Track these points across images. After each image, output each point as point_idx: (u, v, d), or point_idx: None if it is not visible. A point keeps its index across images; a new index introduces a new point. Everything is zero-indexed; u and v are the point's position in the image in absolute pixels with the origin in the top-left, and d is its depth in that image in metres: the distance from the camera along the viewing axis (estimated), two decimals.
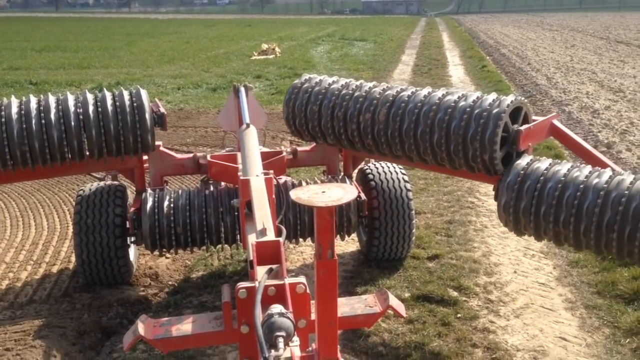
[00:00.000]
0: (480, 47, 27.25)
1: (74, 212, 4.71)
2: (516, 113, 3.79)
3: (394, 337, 4.06)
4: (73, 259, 5.18)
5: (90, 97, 4.36)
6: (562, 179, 3.37)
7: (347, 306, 2.89)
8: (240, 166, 4.29)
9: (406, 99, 4.04)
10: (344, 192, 1.96)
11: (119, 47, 27.22)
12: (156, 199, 4.54)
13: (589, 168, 3.45)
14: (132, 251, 5.03)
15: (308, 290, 2.34)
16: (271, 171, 3.61)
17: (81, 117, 4.26)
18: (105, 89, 4.58)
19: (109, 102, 4.35)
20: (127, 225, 4.67)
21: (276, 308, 2.11)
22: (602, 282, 4.82)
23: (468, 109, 3.72)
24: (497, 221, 6.23)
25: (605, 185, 3.23)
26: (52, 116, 4.19)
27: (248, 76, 16.94)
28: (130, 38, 32.75)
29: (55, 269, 5.22)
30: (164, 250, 4.60)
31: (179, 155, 5.20)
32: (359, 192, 4.10)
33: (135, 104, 4.39)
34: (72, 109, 4.25)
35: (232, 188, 4.73)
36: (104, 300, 4.61)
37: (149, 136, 4.45)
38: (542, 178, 3.43)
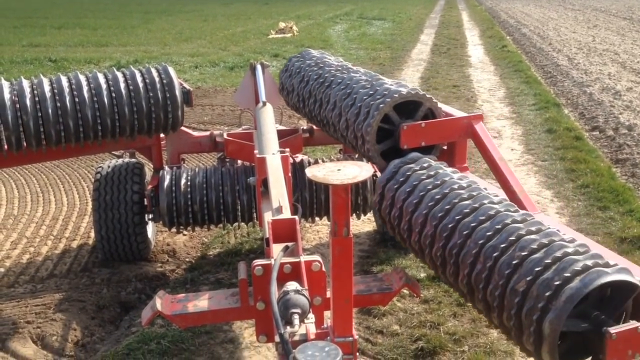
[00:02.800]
0: (500, 27, 26.87)
1: (93, 188, 4.76)
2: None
3: (409, 317, 4.08)
4: (92, 234, 5.26)
5: (119, 75, 4.31)
6: (428, 188, 2.88)
7: (363, 284, 2.90)
8: (256, 144, 4.31)
9: (340, 81, 4.01)
10: (359, 170, 1.96)
11: (136, 24, 27.22)
12: (173, 177, 4.58)
13: (465, 187, 2.82)
14: (150, 228, 5.09)
15: (324, 268, 2.36)
16: (287, 149, 3.61)
17: (113, 94, 4.21)
18: (131, 67, 4.56)
19: (139, 79, 4.32)
20: (145, 203, 4.73)
21: (292, 285, 2.13)
22: None
23: (365, 97, 3.62)
24: None
25: (468, 214, 2.61)
26: (85, 94, 4.13)
27: (265, 55, 16.88)
28: (148, 16, 32.72)
29: (74, 244, 5.31)
30: (181, 227, 4.65)
31: (196, 134, 5.22)
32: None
33: (164, 81, 4.38)
34: (103, 86, 4.19)
35: (249, 166, 4.76)
36: (123, 276, 4.68)
37: (180, 113, 4.45)
38: (402, 180, 3.03)
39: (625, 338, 2.07)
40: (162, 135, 4.91)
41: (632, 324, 2.11)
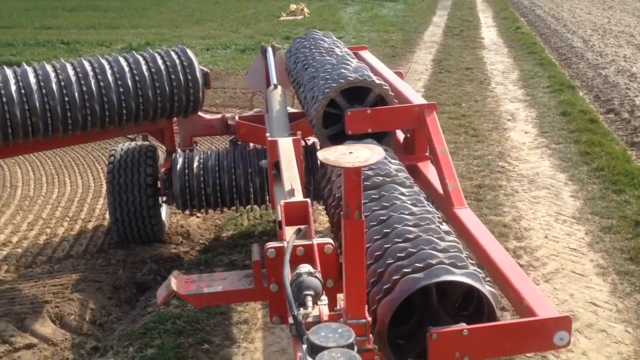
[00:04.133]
0: (514, 8, 26.53)
1: (107, 171, 4.82)
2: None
3: None
4: (107, 216, 5.33)
5: (140, 58, 4.30)
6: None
7: None
8: (268, 127, 4.33)
9: (304, 62, 4.12)
10: (371, 153, 1.98)
11: (147, 6, 27.16)
12: (186, 160, 4.61)
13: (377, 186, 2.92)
14: (164, 210, 5.14)
15: (336, 251, 2.40)
16: (299, 132, 3.64)
17: (137, 78, 4.20)
18: (149, 49, 4.57)
19: (160, 61, 4.31)
20: (159, 185, 4.78)
21: (305, 267, 2.16)
22: (636, 249, 4.79)
23: (321, 81, 3.66)
24: (528, 186, 6.20)
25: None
26: (109, 77, 4.12)
27: (276, 37, 16.83)
28: None
29: (90, 226, 5.39)
30: (195, 210, 4.70)
31: (208, 116, 5.25)
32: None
33: (185, 63, 4.38)
34: (126, 69, 4.19)
35: (261, 149, 4.78)
36: (138, 257, 4.75)
37: (200, 95, 4.46)
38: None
39: (448, 339, 2.11)
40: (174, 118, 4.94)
41: (458, 326, 2.16)
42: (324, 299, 2.13)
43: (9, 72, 3.97)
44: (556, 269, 4.58)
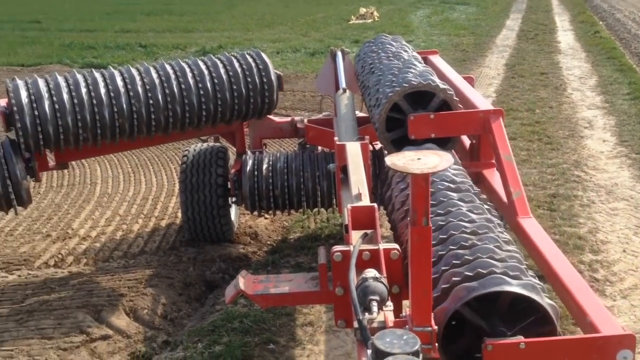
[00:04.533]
0: (592, 12, 25.57)
1: (180, 171, 4.98)
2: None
3: None
4: (179, 214, 5.51)
5: (218, 61, 4.42)
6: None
7: None
8: (336, 131, 4.37)
9: (372, 66, 4.14)
10: (439, 160, 1.97)
11: (221, 10, 27.82)
12: (255, 162, 4.71)
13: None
14: (234, 210, 5.27)
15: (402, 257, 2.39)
16: (367, 137, 3.64)
17: (215, 80, 4.32)
18: (225, 52, 4.68)
19: (236, 64, 4.42)
20: (229, 186, 4.90)
21: (370, 272, 2.17)
22: None
23: (385, 85, 3.60)
24: (605, 197, 5.98)
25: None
26: (190, 80, 4.24)
27: (346, 41, 16.88)
28: (232, 2, 33.31)
29: (163, 223, 5.59)
30: (263, 211, 4.79)
31: (277, 119, 5.33)
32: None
33: (260, 66, 4.48)
34: (205, 72, 4.30)
35: (329, 152, 4.82)
36: (208, 255, 4.89)
37: (275, 97, 4.57)
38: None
39: (504, 351, 2.06)
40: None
41: (515, 338, 2.09)
42: (390, 305, 2.13)
43: (97, 75, 4.15)
44: (635, 284, 4.40)
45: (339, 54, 5.22)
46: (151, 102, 4.13)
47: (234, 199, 4.95)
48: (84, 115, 3.98)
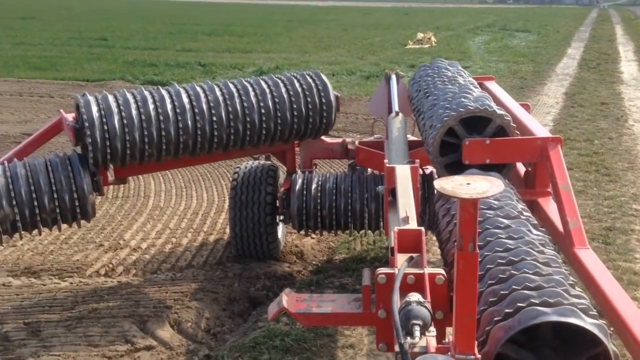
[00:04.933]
0: None
1: (230, 187, 5.04)
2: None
3: None
4: (227, 230, 5.57)
5: (279, 81, 4.46)
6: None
7: None
8: (386, 153, 4.35)
9: (426, 90, 4.15)
10: (489, 185, 1.93)
11: (279, 32, 28.34)
12: (305, 181, 4.72)
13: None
14: (281, 229, 5.29)
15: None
16: (417, 160, 3.61)
17: (276, 99, 4.36)
18: (285, 72, 4.76)
19: (296, 84, 4.47)
20: (277, 204, 4.93)
21: (414, 296, 2.13)
22: None
23: (440, 109, 3.53)
24: None
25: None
26: (252, 99, 4.29)
27: (401, 65, 16.89)
28: (290, 24, 33.94)
29: (211, 238, 5.65)
30: (310, 230, 4.79)
31: (329, 140, 5.35)
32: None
33: (319, 86, 4.52)
34: (267, 91, 4.35)
35: (378, 175, 4.80)
36: (253, 272, 4.92)
37: (333, 117, 4.60)
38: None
39: None
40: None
41: None
42: (432, 330, 2.08)
43: (164, 92, 4.20)
44: None
45: (394, 77, 5.22)
46: (214, 119, 4.17)
47: (281, 217, 4.97)
48: (150, 131, 4.03)
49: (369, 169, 5.10)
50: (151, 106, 4.07)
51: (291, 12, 46.05)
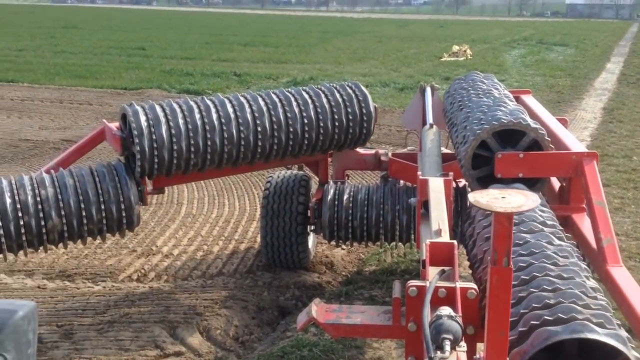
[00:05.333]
0: None
1: (263, 196, 5.07)
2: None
3: None
4: (258, 239, 5.59)
5: (320, 91, 4.46)
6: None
7: None
8: (420, 165, 4.32)
9: (461, 103, 4.11)
10: (525, 200, 1.90)
11: (314, 44, 28.50)
12: (337, 192, 4.72)
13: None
14: (311, 239, 5.29)
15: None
16: (451, 173, 3.58)
17: (318, 110, 4.36)
18: (324, 83, 4.73)
19: (337, 94, 4.47)
20: (309, 214, 4.93)
21: (445, 310, 2.11)
22: None
23: (474, 122, 3.49)
24: None
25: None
26: (295, 109, 4.29)
27: (436, 77, 16.81)
28: (325, 36, 34.10)
29: (242, 247, 5.68)
30: (340, 241, 4.78)
31: (362, 151, 5.34)
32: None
33: (359, 97, 4.53)
34: (309, 101, 4.35)
35: (411, 187, 4.77)
36: (283, 281, 4.92)
37: (372, 127, 4.61)
38: None
39: None
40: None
41: None
42: (463, 345, 2.05)
43: (208, 101, 4.19)
44: None
45: (428, 89, 5.20)
46: (259, 129, 4.17)
47: (312, 228, 4.97)
48: (197, 140, 4.02)
49: (402, 181, 5.07)
50: (197, 116, 4.05)
51: (326, 24, 46.29)
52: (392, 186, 4.81)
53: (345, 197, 4.69)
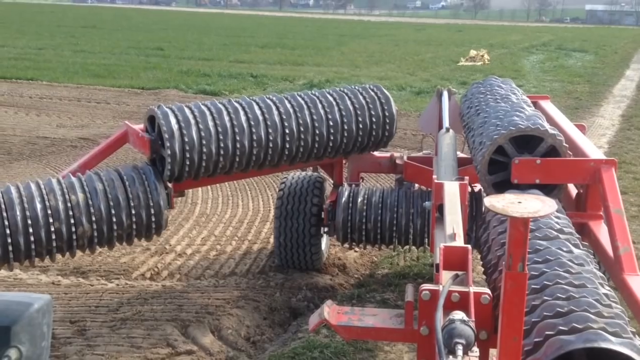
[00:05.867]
0: None
1: (277, 197, 5.07)
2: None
3: None
4: (271, 240, 5.59)
5: (343, 93, 4.43)
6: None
7: None
8: (435, 169, 4.30)
9: (478, 108, 4.11)
10: (541, 205, 1.88)
11: (331, 46, 28.52)
12: (351, 194, 4.71)
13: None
14: (324, 241, 5.28)
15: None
16: (466, 177, 3.56)
17: (343, 112, 4.35)
18: (347, 85, 4.71)
19: (360, 97, 4.46)
20: (322, 216, 4.92)
21: (458, 314, 2.09)
22: None
23: (490, 127, 3.46)
24: None
25: None
26: (320, 111, 4.26)
27: (453, 82, 16.74)
28: (342, 39, 34.12)
29: (255, 247, 5.69)
30: (354, 243, 4.77)
31: (377, 154, 5.32)
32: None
33: (382, 100, 4.53)
34: (333, 104, 4.32)
35: (425, 191, 4.75)
36: (295, 283, 4.92)
37: (394, 130, 4.61)
38: None
39: None
40: None
41: None
42: (476, 350, 2.03)
43: (236, 104, 4.13)
44: None
45: (445, 93, 5.17)
46: (286, 131, 4.12)
47: (326, 229, 4.97)
48: (226, 143, 3.91)
49: (416, 185, 5.05)
50: (226, 118, 3.98)
51: (344, 27, 46.32)
52: (407, 189, 4.79)
53: (360, 199, 4.68)
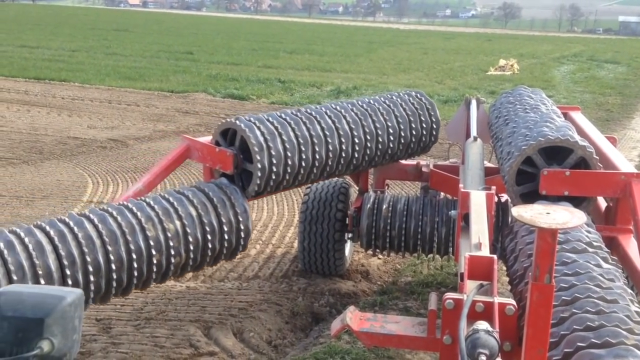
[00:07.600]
0: None
1: (302, 202, 5.08)
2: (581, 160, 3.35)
3: None
4: (295, 244, 5.60)
5: (394, 100, 4.44)
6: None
7: None
8: (461, 178, 4.28)
9: (506, 117, 4.09)
10: (570, 217, 1.86)
11: (359, 53, 28.54)
12: (376, 201, 4.70)
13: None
14: (348, 247, 5.27)
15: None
16: (493, 187, 3.53)
17: (400, 119, 4.34)
18: (394, 92, 4.74)
19: (410, 103, 4.50)
20: (347, 222, 4.92)
21: (482, 325, 2.07)
22: None
23: (519, 138, 3.42)
24: None
25: None
26: (381, 119, 4.26)
27: (481, 91, 16.62)
28: (371, 46, 34.12)
29: (279, 251, 5.71)
30: (377, 250, 4.75)
31: (403, 161, 5.31)
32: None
33: (428, 106, 4.56)
34: (390, 110, 4.32)
35: (450, 199, 4.72)
36: (318, 288, 4.92)
37: (437, 135, 4.65)
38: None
39: None
40: None
41: None
42: None
43: (308, 114, 3.95)
44: None
45: (474, 102, 5.14)
46: (355, 140, 4.06)
47: (350, 235, 4.96)
48: (307, 154, 3.78)
49: (442, 193, 5.02)
50: (304, 128, 3.81)
51: (372, 34, 46.31)
52: (432, 198, 4.77)
53: (385, 206, 4.66)
